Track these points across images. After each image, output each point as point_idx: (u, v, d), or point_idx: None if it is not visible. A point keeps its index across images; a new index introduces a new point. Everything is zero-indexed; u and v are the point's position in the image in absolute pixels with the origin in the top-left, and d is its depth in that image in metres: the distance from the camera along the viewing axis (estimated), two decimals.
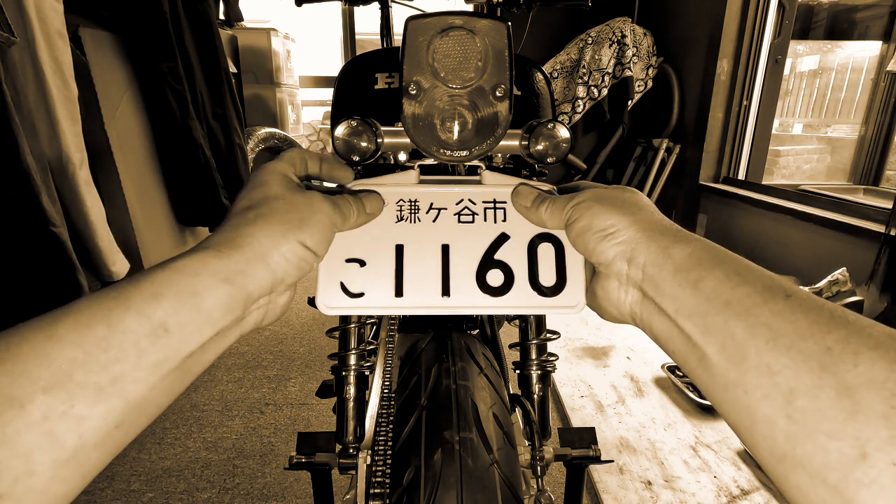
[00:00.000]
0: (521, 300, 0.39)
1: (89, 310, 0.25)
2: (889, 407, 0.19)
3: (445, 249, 0.40)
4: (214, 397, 1.67)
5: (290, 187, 0.36)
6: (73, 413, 0.23)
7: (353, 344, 0.58)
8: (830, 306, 0.24)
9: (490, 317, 0.87)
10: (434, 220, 0.40)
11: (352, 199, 0.38)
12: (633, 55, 3.17)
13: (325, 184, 0.41)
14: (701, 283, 0.28)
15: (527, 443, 0.61)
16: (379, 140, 0.43)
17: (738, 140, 2.89)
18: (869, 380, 0.20)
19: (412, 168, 0.42)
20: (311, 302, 0.44)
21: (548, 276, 0.39)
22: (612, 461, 1.35)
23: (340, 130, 0.42)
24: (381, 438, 0.54)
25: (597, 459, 0.65)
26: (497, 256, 0.39)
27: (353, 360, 0.58)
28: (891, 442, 0.19)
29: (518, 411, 0.66)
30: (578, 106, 3.26)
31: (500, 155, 0.53)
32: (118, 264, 1.86)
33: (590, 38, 3.24)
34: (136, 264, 2.07)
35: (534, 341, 0.61)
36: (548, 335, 0.62)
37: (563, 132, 0.44)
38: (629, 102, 3.22)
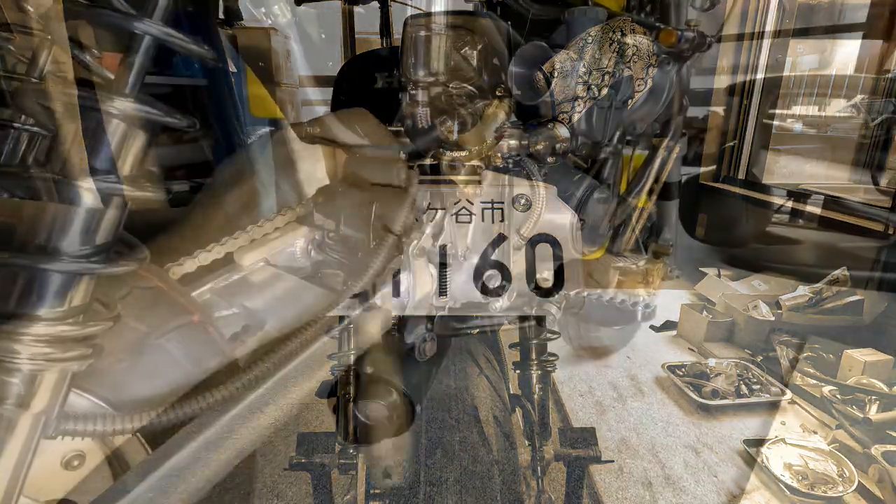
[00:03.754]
0: (519, 301, 0.39)
1: None
2: None
3: (443, 250, 0.40)
4: None
5: None
6: None
7: (352, 344, 0.58)
8: None
9: (490, 317, 0.87)
10: (432, 221, 0.40)
11: None
12: (634, 54, 3.16)
13: None
14: None
15: (527, 443, 0.61)
16: None
17: (738, 139, 2.89)
18: None
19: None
20: None
21: (546, 277, 0.39)
22: (613, 461, 1.35)
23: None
24: None
25: (597, 459, 0.65)
26: (495, 257, 0.39)
27: (352, 360, 0.58)
28: None
29: (518, 411, 0.66)
30: (578, 105, 3.26)
31: (500, 155, 0.52)
32: None
33: (590, 37, 3.23)
34: None
35: (534, 341, 0.61)
36: (548, 335, 0.62)
37: (563, 132, 0.43)
38: (629, 102, 3.22)
